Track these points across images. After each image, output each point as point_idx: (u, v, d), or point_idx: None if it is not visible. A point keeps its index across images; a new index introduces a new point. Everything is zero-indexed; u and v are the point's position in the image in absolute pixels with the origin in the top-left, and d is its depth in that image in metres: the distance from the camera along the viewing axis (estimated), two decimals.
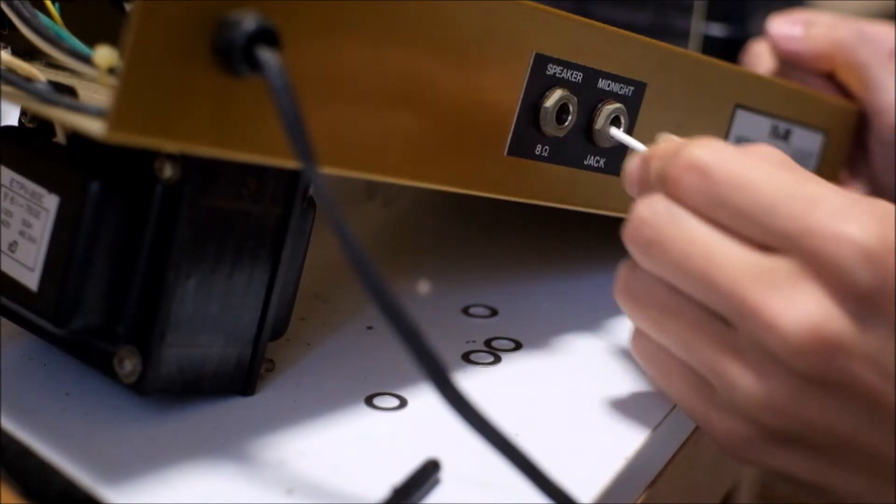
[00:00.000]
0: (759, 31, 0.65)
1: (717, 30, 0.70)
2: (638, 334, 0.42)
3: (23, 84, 0.38)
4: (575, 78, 0.45)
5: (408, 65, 0.40)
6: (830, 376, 0.37)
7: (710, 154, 0.39)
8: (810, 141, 0.57)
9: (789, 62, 0.61)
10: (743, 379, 0.38)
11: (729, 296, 0.38)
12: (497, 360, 0.48)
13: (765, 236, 0.38)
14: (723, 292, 0.38)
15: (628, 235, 0.41)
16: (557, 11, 0.44)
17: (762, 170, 0.39)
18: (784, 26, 0.61)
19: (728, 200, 0.38)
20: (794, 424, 0.38)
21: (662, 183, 0.40)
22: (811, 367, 0.37)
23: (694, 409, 0.41)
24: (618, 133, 0.47)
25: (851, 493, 0.39)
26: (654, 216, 0.40)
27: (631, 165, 0.43)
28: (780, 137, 0.55)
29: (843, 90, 0.61)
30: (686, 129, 0.49)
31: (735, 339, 0.38)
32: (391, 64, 0.40)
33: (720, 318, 0.39)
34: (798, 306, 0.37)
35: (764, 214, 0.38)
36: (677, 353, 0.41)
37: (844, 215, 0.37)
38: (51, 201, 0.39)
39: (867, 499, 0.39)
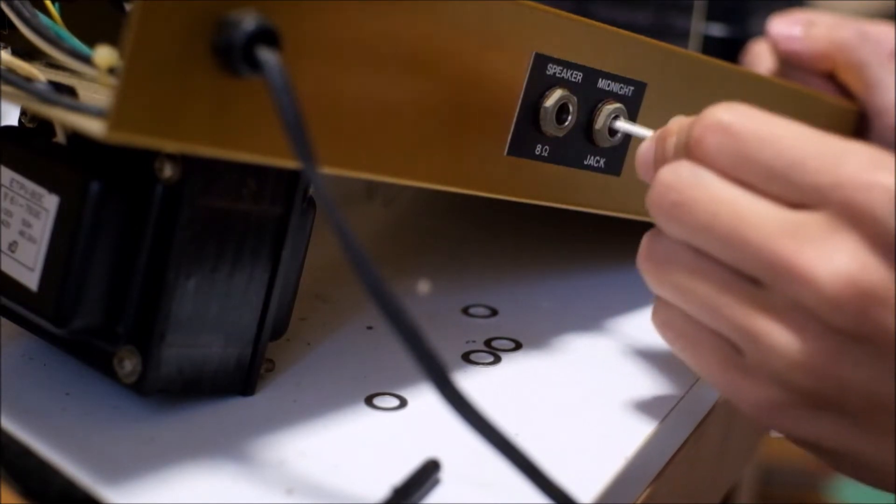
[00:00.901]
0: (759, 31, 0.65)
1: (717, 30, 0.70)
2: (660, 304, 0.42)
3: (23, 84, 0.38)
4: (575, 78, 0.45)
5: (407, 65, 0.40)
6: (867, 330, 0.36)
7: (733, 113, 0.39)
8: None
9: (789, 62, 0.61)
10: (777, 337, 0.37)
11: (761, 253, 0.37)
12: (497, 360, 0.48)
13: (794, 192, 0.38)
14: (754, 250, 0.37)
15: (652, 202, 0.40)
16: (557, 11, 0.44)
17: (788, 126, 0.38)
18: (784, 26, 0.61)
19: (755, 157, 0.38)
20: (828, 385, 0.37)
21: (686, 148, 0.40)
22: (848, 321, 0.36)
23: (720, 378, 0.40)
24: (624, 124, 0.47)
25: (880, 460, 0.39)
26: (679, 179, 0.39)
27: (643, 148, 0.43)
28: None
29: (844, 90, 0.61)
30: None
31: (767, 298, 0.38)
32: (391, 64, 0.40)
33: (749, 279, 0.38)
34: (833, 258, 0.36)
35: (793, 169, 0.37)
36: (703, 320, 0.40)
37: (875, 164, 0.37)
38: (51, 201, 0.39)
39: None
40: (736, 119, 0.39)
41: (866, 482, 0.41)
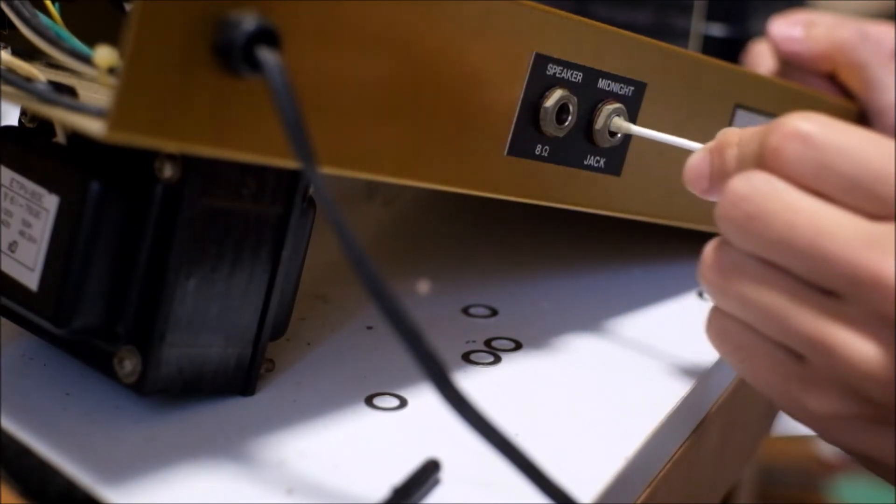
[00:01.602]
0: (759, 31, 0.65)
1: (717, 30, 0.70)
2: (716, 315, 0.41)
3: (23, 84, 0.38)
4: (575, 78, 0.45)
5: (408, 65, 0.40)
6: None
7: (813, 123, 0.38)
8: None
9: (790, 63, 0.61)
10: (855, 347, 0.37)
11: (841, 263, 0.37)
12: (497, 360, 0.48)
13: (875, 204, 0.37)
14: (834, 260, 0.37)
15: (724, 213, 0.39)
16: (557, 11, 0.44)
17: (867, 136, 0.38)
18: (784, 27, 0.61)
19: (835, 168, 0.38)
20: None
21: (760, 158, 0.39)
22: None
23: (780, 389, 0.39)
24: (626, 125, 0.47)
25: None
26: (754, 190, 0.38)
27: (694, 160, 0.42)
28: None
29: (844, 90, 0.61)
30: (686, 129, 0.49)
31: (843, 310, 0.37)
32: (391, 64, 0.40)
33: (822, 291, 0.38)
34: None
35: (875, 181, 0.37)
36: (767, 331, 0.39)
37: None
38: (51, 201, 0.39)
39: None
40: (816, 129, 0.38)
41: None
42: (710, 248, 0.41)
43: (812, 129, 0.38)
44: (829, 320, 0.38)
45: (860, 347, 0.37)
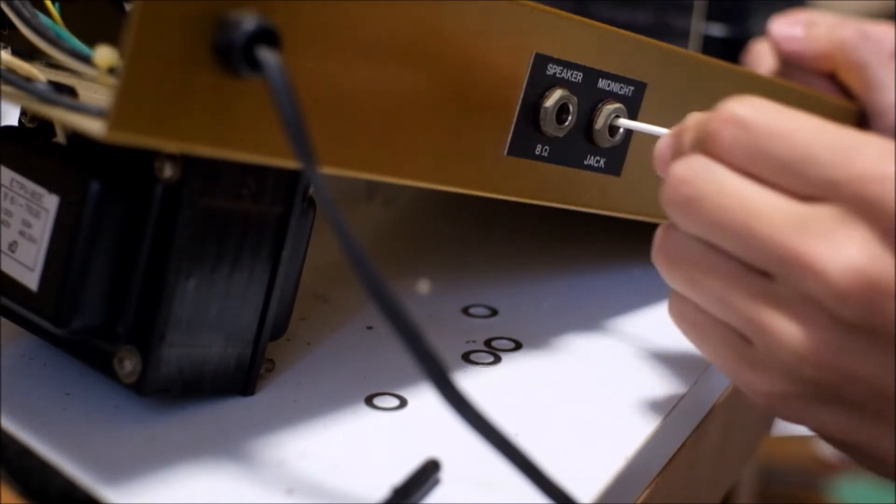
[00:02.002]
0: (759, 31, 0.65)
1: (717, 30, 0.70)
2: (675, 297, 0.42)
3: (23, 84, 0.38)
4: (575, 78, 0.45)
5: (407, 65, 0.40)
6: (874, 322, 0.36)
7: (748, 107, 0.39)
8: None
9: (790, 62, 0.61)
10: (785, 330, 0.38)
11: (770, 245, 0.37)
12: (497, 360, 0.48)
13: (807, 186, 0.38)
14: (764, 242, 0.38)
15: (665, 196, 0.40)
16: (557, 11, 0.44)
17: (802, 120, 0.38)
18: (785, 27, 0.61)
19: (768, 151, 0.38)
20: (835, 378, 0.38)
21: (701, 142, 0.40)
22: (856, 313, 0.36)
23: (732, 369, 0.40)
24: (629, 122, 0.47)
25: (891, 452, 0.39)
26: (692, 173, 0.39)
27: (660, 144, 0.43)
28: None
29: (845, 90, 0.61)
30: None
31: (776, 291, 0.38)
32: (391, 64, 0.40)
33: (760, 273, 0.38)
34: (842, 250, 0.36)
35: (806, 163, 0.38)
36: (714, 312, 0.40)
37: (888, 157, 0.37)
38: (51, 201, 0.39)
39: None
40: (751, 113, 0.39)
41: (881, 474, 0.41)
42: (659, 232, 0.42)
43: (746, 112, 0.39)
44: (763, 302, 0.38)
45: (790, 329, 0.38)
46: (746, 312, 0.39)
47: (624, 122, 0.47)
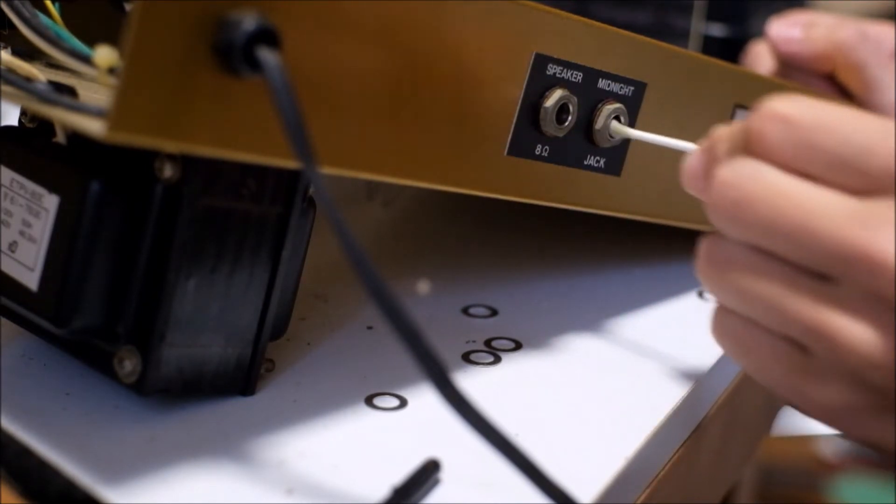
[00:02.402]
0: (759, 31, 0.65)
1: (717, 30, 0.70)
2: (720, 313, 0.40)
3: (23, 84, 0.38)
4: (575, 78, 0.45)
5: (408, 64, 0.40)
6: None
7: (792, 103, 0.38)
8: None
9: (790, 63, 0.61)
10: (852, 333, 0.36)
11: (831, 244, 0.36)
12: (497, 360, 0.48)
13: (862, 180, 0.36)
14: (824, 241, 0.36)
15: (712, 202, 0.39)
16: (557, 11, 0.44)
17: (848, 113, 0.37)
18: (784, 28, 0.61)
19: (819, 145, 0.37)
20: None
21: (744, 143, 0.38)
22: None
23: (787, 383, 0.39)
24: (628, 129, 0.47)
25: None
26: (739, 177, 0.38)
27: (691, 160, 0.41)
28: None
29: (844, 91, 0.61)
30: (686, 129, 0.49)
31: (839, 294, 0.36)
32: (391, 63, 0.40)
33: (818, 276, 0.37)
34: None
35: (858, 155, 0.36)
36: (767, 323, 0.38)
37: None
38: (51, 201, 0.39)
39: None
40: (796, 108, 0.37)
41: None
42: (704, 242, 0.40)
43: (791, 109, 0.38)
44: (825, 306, 0.37)
45: (858, 332, 0.36)
46: (806, 318, 0.37)
47: (619, 129, 0.46)
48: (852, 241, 0.36)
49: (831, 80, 0.61)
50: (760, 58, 0.62)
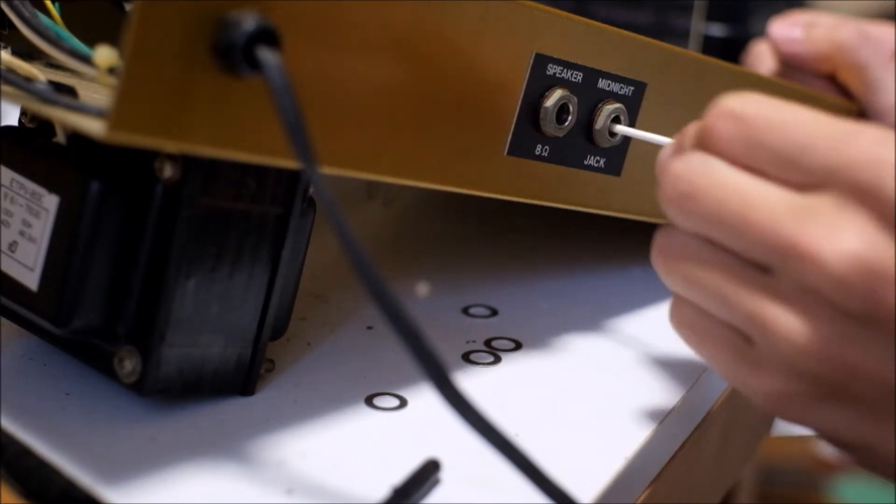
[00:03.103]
0: (759, 31, 0.65)
1: (717, 30, 0.70)
2: (676, 302, 0.42)
3: (23, 84, 0.38)
4: (575, 78, 0.45)
5: (408, 64, 0.40)
6: (875, 311, 0.36)
7: (743, 101, 0.39)
8: None
9: (791, 64, 0.61)
10: (785, 322, 0.37)
11: (767, 235, 0.37)
12: (497, 360, 0.48)
13: (804, 175, 0.37)
14: (761, 233, 0.37)
15: (663, 194, 0.40)
16: (557, 11, 0.44)
17: (797, 111, 0.38)
18: (784, 28, 0.61)
19: (765, 142, 0.38)
20: (838, 372, 0.37)
21: (697, 139, 0.40)
22: (856, 301, 0.36)
23: (731, 370, 0.40)
24: (626, 129, 0.47)
25: (892, 451, 0.38)
26: (688, 169, 0.39)
27: (663, 153, 0.42)
28: None
29: (845, 91, 0.61)
30: None
31: (775, 284, 0.37)
32: (391, 64, 0.40)
33: (758, 267, 0.38)
34: (840, 237, 0.36)
35: (802, 152, 0.37)
36: (713, 311, 0.40)
37: (885, 143, 0.36)
38: (51, 201, 0.39)
39: None
40: (746, 106, 0.39)
41: (882, 475, 0.41)
42: (659, 233, 0.41)
43: (741, 106, 0.39)
44: (762, 295, 0.38)
45: (791, 322, 0.37)
46: (745, 307, 0.38)
47: (626, 130, 0.47)
48: (787, 233, 0.37)
49: (832, 80, 0.61)
50: (761, 58, 0.62)
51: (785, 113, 0.38)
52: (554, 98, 0.45)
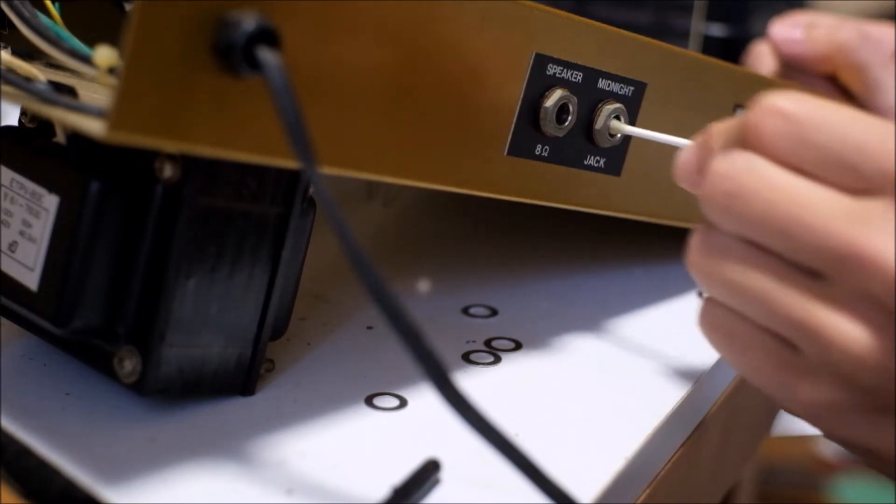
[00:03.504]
0: (759, 31, 0.65)
1: (717, 30, 0.70)
2: (708, 305, 0.40)
3: (23, 84, 0.38)
4: (575, 78, 0.45)
5: (408, 65, 0.40)
6: None
7: (791, 99, 0.37)
8: None
9: (791, 64, 0.61)
10: (842, 330, 0.36)
11: (824, 239, 0.36)
12: (497, 360, 0.48)
13: (857, 178, 0.36)
14: (816, 237, 0.36)
15: (705, 194, 0.38)
16: (557, 11, 0.44)
17: (847, 112, 0.37)
18: (785, 29, 0.61)
19: (815, 142, 0.37)
20: (894, 383, 0.36)
21: (740, 136, 0.38)
22: None
23: (773, 379, 0.38)
24: (639, 130, 0.47)
25: None
26: (734, 168, 0.38)
27: (683, 155, 0.41)
28: None
29: (845, 92, 0.61)
30: (686, 130, 0.49)
31: (829, 290, 0.36)
32: (391, 64, 0.40)
33: (809, 272, 0.37)
34: None
35: (855, 154, 0.36)
36: (757, 317, 0.38)
37: None
38: (51, 201, 0.39)
39: None
40: (795, 104, 0.37)
41: None
42: (696, 233, 0.40)
43: (790, 104, 0.37)
44: (816, 302, 0.36)
45: (848, 330, 0.36)
46: (795, 313, 0.37)
47: (620, 127, 0.47)
48: (846, 238, 0.35)
49: (833, 81, 0.61)
50: (762, 58, 0.62)
51: (835, 113, 0.37)
52: (554, 98, 0.45)
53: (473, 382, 0.46)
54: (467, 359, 0.48)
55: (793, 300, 0.37)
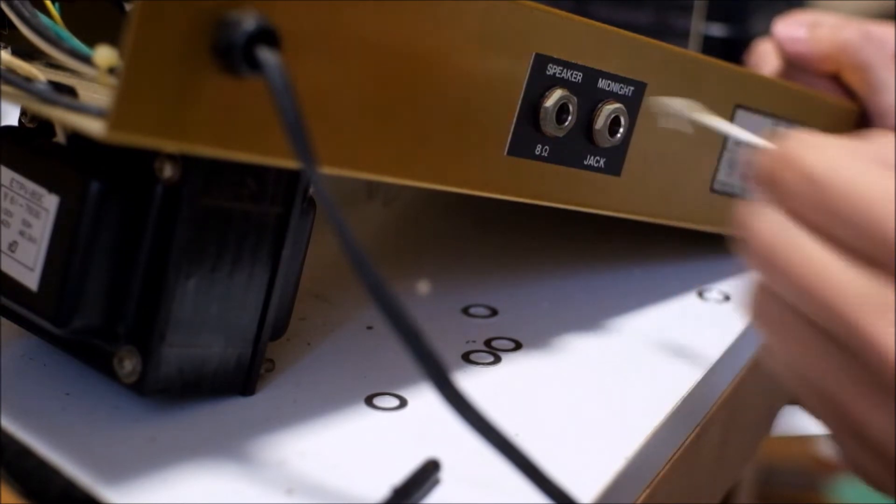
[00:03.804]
0: (760, 31, 0.65)
1: (717, 30, 0.70)
2: (760, 294, 0.39)
3: (23, 84, 0.38)
4: (575, 78, 0.45)
5: (408, 65, 0.40)
6: None
7: (817, 157, 0.36)
8: None
9: (794, 63, 0.61)
10: (872, 418, 0.36)
11: (849, 326, 0.35)
12: (497, 360, 0.48)
13: (875, 248, 0.35)
14: (843, 320, 0.35)
15: (749, 252, 0.38)
16: (557, 11, 0.44)
17: (875, 177, 0.35)
18: (788, 28, 0.60)
19: (839, 213, 0.35)
20: None
21: (769, 186, 0.37)
22: None
23: (836, 434, 0.39)
24: (717, 122, 0.46)
25: None
26: (769, 232, 0.37)
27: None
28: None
29: (848, 91, 0.61)
30: (686, 130, 0.49)
31: (861, 373, 0.36)
32: (391, 64, 0.40)
33: (846, 348, 0.36)
34: None
35: (878, 231, 0.35)
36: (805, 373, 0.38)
37: None
38: (51, 201, 0.39)
39: None
40: (820, 165, 0.36)
41: None
42: (756, 288, 0.39)
43: (816, 165, 0.36)
44: (848, 385, 0.36)
45: (871, 416, 0.36)
46: (832, 393, 0.37)
47: (727, 127, 0.46)
48: (870, 331, 0.35)
49: (836, 80, 0.61)
50: (765, 57, 0.62)
51: (863, 179, 0.35)
52: (554, 98, 0.45)
53: (473, 382, 0.46)
54: (467, 359, 0.48)
55: (824, 370, 0.37)
